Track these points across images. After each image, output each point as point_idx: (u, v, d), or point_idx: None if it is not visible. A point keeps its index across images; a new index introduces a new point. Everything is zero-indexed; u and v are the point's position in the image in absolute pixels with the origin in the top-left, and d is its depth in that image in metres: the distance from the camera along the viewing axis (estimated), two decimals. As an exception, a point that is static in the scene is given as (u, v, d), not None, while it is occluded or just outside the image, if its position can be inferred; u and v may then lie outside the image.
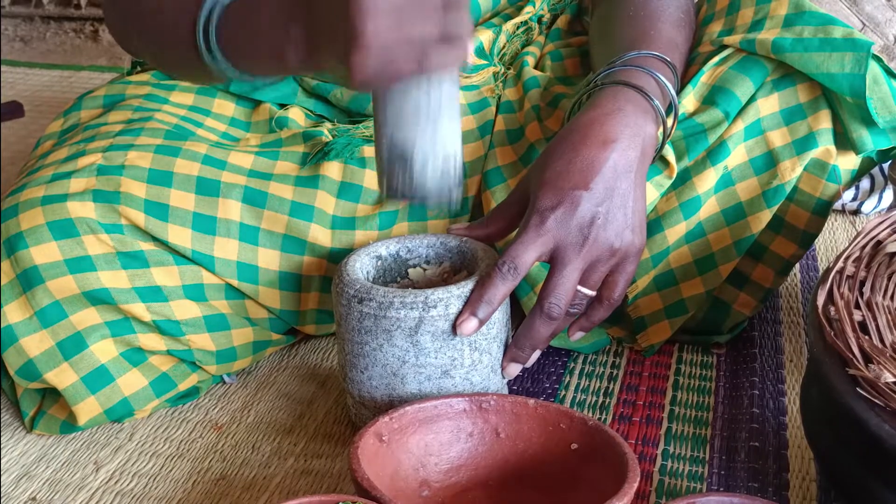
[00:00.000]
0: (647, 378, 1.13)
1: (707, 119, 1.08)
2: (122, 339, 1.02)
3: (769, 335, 1.20)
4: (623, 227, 0.96)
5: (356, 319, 0.95)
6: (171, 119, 1.13)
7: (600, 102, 1.00)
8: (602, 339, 1.17)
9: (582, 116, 0.99)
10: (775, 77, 1.09)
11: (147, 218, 1.02)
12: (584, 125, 0.98)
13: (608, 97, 1.00)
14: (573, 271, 0.95)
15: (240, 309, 1.08)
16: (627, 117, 0.98)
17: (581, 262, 0.95)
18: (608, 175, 0.95)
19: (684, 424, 1.05)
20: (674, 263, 1.11)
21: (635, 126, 0.98)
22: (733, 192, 1.10)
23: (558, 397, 1.09)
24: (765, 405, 1.06)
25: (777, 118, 1.09)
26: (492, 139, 1.20)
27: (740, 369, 1.14)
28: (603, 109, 0.99)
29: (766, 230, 1.12)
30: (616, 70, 1.04)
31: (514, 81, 1.24)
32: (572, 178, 0.95)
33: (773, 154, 1.09)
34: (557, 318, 0.96)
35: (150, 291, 1.03)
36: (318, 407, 1.09)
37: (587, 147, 0.96)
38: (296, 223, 1.08)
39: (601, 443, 0.88)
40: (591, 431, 0.89)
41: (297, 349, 1.20)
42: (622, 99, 1.00)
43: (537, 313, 0.96)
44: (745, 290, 1.15)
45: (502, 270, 0.94)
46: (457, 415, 0.92)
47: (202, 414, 1.08)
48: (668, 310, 1.13)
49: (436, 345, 0.95)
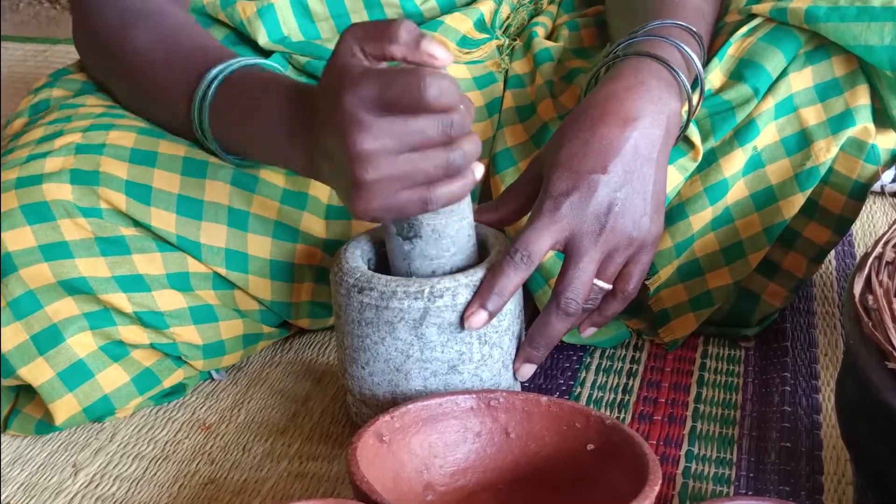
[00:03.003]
0: (670, 374, 1.13)
1: (734, 95, 1.07)
2: (102, 331, 1.02)
3: (802, 327, 1.20)
4: (641, 215, 0.96)
5: (356, 311, 0.95)
6: None
7: (621, 75, 0.99)
8: (621, 331, 1.17)
9: (600, 91, 0.99)
10: (808, 49, 1.08)
11: (128, 200, 1.02)
12: (603, 100, 0.98)
13: (629, 70, 1.00)
14: (590, 263, 0.95)
15: (228, 300, 1.08)
16: (651, 92, 0.98)
17: (598, 252, 0.95)
18: (628, 157, 0.95)
19: (710, 423, 1.05)
20: (699, 252, 1.12)
21: (659, 102, 0.97)
22: (763, 175, 1.10)
23: (573, 394, 1.10)
24: (797, 402, 1.06)
25: (811, 94, 1.08)
26: (500, 118, 1.19)
27: (770, 364, 1.14)
28: (624, 83, 0.98)
29: (799, 215, 1.11)
30: (638, 41, 1.03)
31: (523, 53, 1.24)
32: (589, 161, 0.95)
33: (807, 133, 1.09)
34: (574, 313, 0.96)
35: (131, 280, 1.03)
36: (313, 405, 1.09)
37: (606, 125, 0.96)
38: (288, 211, 1.08)
39: (620, 443, 0.88)
40: (608, 431, 0.89)
41: (290, 343, 1.20)
42: (645, 72, 0.99)
43: (553, 309, 0.96)
44: (776, 280, 1.15)
45: (514, 259, 0.94)
46: (463, 413, 0.93)
47: (189, 413, 1.09)
48: (692, 302, 1.13)
49: (442, 338, 0.95)
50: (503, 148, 1.16)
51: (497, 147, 1.17)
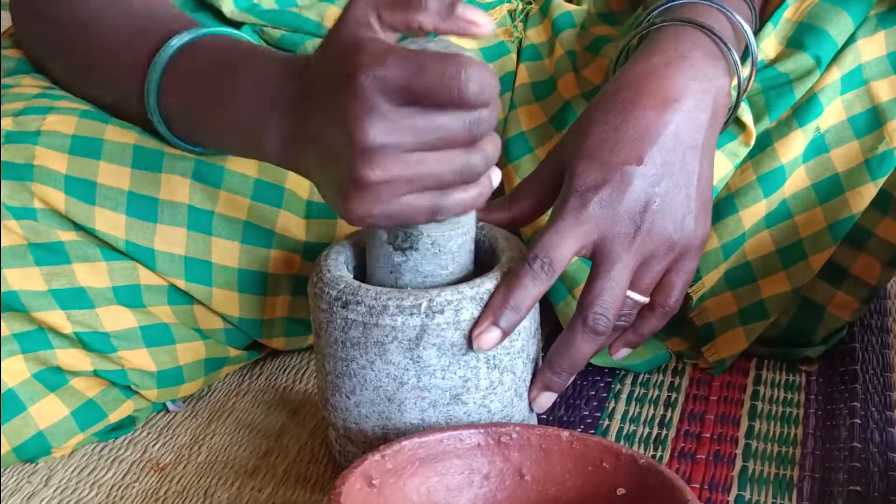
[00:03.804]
0: (716, 403, 1.10)
1: (793, 67, 1.06)
2: (36, 356, 0.99)
3: (874, 347, 1.18)
4: (685, 214, 0.94)
5: (340, 329, 0.92)
6: None
7: (659, 48, 0.98)
8: (659, 353, 1.15)
9: (634, 66, 0.98)
10: (881, 10, 1.07)
11: (68, 199, 0.99)
12: (638, 78, 0.96)
13: (668, 41, 0.99)
14: (622, 271, 0.93)
15: (187, 318, 1.06)
16: (694, 67, 0.96)
17: (632, 258, 0.93)
18: (668, 145, 0.93)
19: (764, 463, 1.02)
20: (751, 254, 1.10)
21: (705, 79, 0.96)
22: (827, 161, 1.08)
23: (600, 428, 1.07)
24: (868, 438, 1.03)
25: (884, 64, 1.06)
26: (513, 97, 1.18)
27: (837, 392, 1.11)
28: (662, 57, 0.97)
29: (870, 209, 1.09)
30: (677, 5, 1.02)
31: (540, 19, 1.23)
32: (622, 150, 0.93)
33: (879, 111, 1.06)
34: (604, 332, 0.94)
35: (71, 295, 0.99)
36: (289, 442, 1.06)
37: (642, 107, 0.94)
38: (260, 209, 1.06)
39: (656, 487, 0.84)
40: (642, 472, 0.85)
41: (261, 368, 1.19)
42: (687, 43, 0.98)
43: (578, 326, 0.94)
44: (844, 289, 1.13)
45: (534, 267, 0.91)
46: (468, 451, 0.89)
47: (139, 451, 1.05)
48: (743, 314, 1.11)
49: (443, 361, 0.91)
50: (517, 132, 1.15)
51: (510, 131, 1.16)
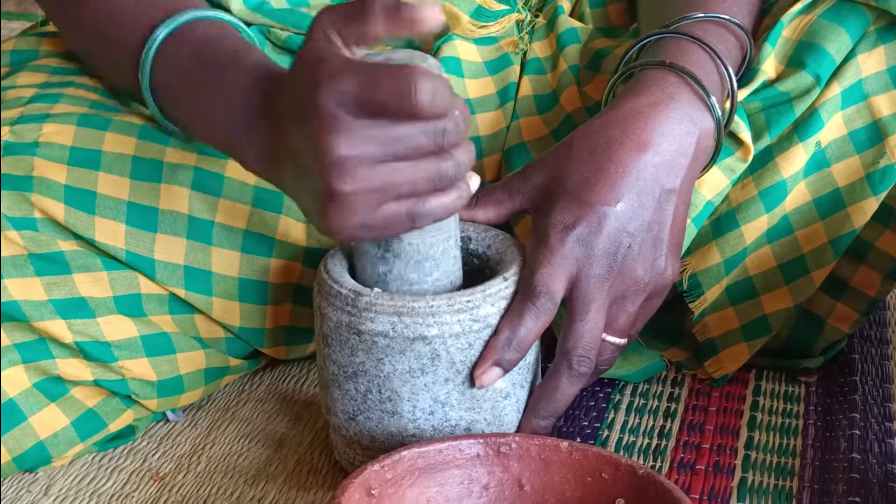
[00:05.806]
0: (716, 414, 1.12)
1: (793, 86, 1.07)
2: (37, 365, 1.01)
3: (873, 359, 1.20)
4: (655, 256, 0.98)
5: (345, 335, 0.95)
6: (98, 82, 1.12)
7: (645, 88, 1.01)
8: (654, 363, 1.17)
9: (622, 104, 1.00)
10: (880, 26, 1.07)
11: (68, 210, 1.01)
12: (624, 118, 0.99)
13: (654, 82, 1.01)
14: (598, 311, 0.96)
15: (188, 327, 1.08)
16: (680, 109, 0.99)
17: (606, 298, 0.97)
18: (646, 188, 0.97)
19: (764, 474, 1.04)
20: (752, 269, 1.11)
21: (689, 122, 0.99)
22: (828, 176, 1.10)
23: (599, 439, 1.09)
24: (868, 449, 1.05)
25: (883, 78, 1.08)
26: (515, 107, 1.19)
27: (836, 403, 1.13)
28: (649, 97, 1.00)
29: (871, 223, 1.11)
30: (666, 38, 1.04)
31: (545, 33, 1.24)
32: (601, 190, 0.96)
33: (880, 125, 1.08)
34: (587, 373, 0.97)
35: (71, 304, 1.02)
36: (289, 450, 1.08)
37: (626, 149, 0.97)
38: (261, 215, 1.08)
39: (655, 498, 0.87)
40: (641, 483, 0.88)
41: (261, 377, 1.20)
42: (673, 84, 1.00)
43: (564, 370, 0.97)
44: (844, 301, 1.15)
45: (537, 305, 0.94)
46: (468, 461, 0.92)
47: (139, 461, 1.07)
48: (745, 329, 1.13)
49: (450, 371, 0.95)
50: (518, 142, 1.17)
51: (511, 141, 1.17)
